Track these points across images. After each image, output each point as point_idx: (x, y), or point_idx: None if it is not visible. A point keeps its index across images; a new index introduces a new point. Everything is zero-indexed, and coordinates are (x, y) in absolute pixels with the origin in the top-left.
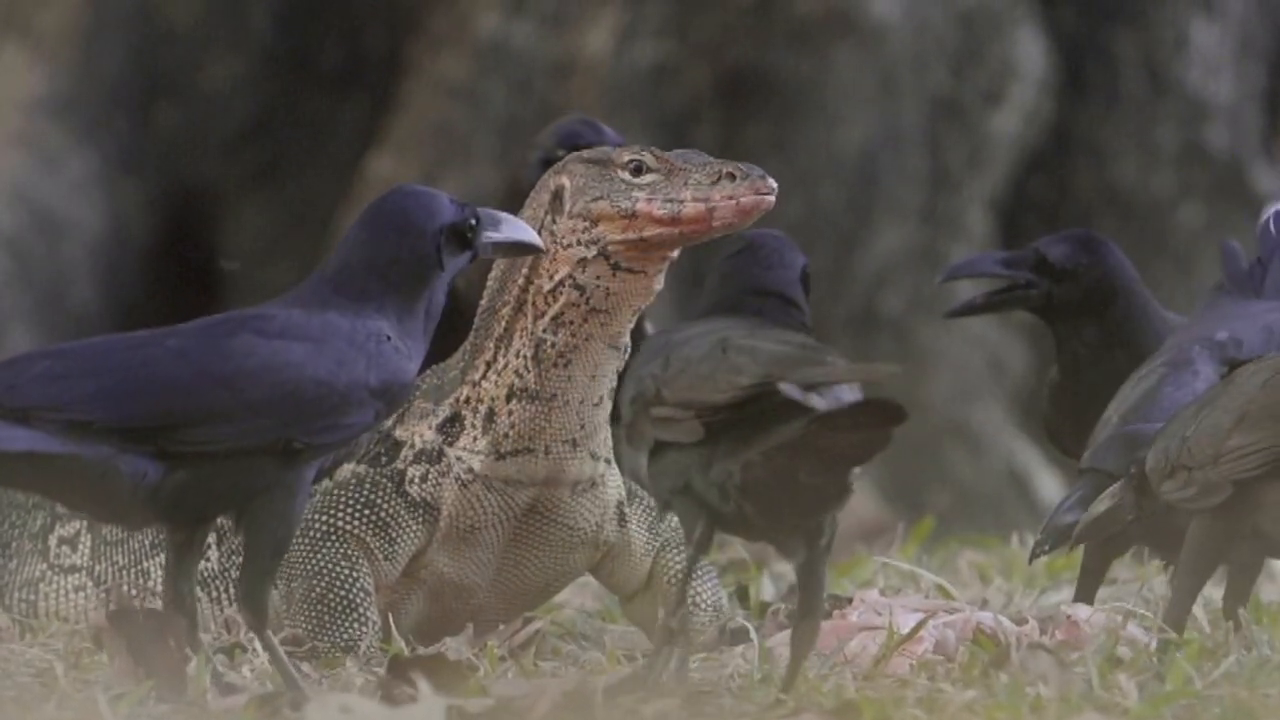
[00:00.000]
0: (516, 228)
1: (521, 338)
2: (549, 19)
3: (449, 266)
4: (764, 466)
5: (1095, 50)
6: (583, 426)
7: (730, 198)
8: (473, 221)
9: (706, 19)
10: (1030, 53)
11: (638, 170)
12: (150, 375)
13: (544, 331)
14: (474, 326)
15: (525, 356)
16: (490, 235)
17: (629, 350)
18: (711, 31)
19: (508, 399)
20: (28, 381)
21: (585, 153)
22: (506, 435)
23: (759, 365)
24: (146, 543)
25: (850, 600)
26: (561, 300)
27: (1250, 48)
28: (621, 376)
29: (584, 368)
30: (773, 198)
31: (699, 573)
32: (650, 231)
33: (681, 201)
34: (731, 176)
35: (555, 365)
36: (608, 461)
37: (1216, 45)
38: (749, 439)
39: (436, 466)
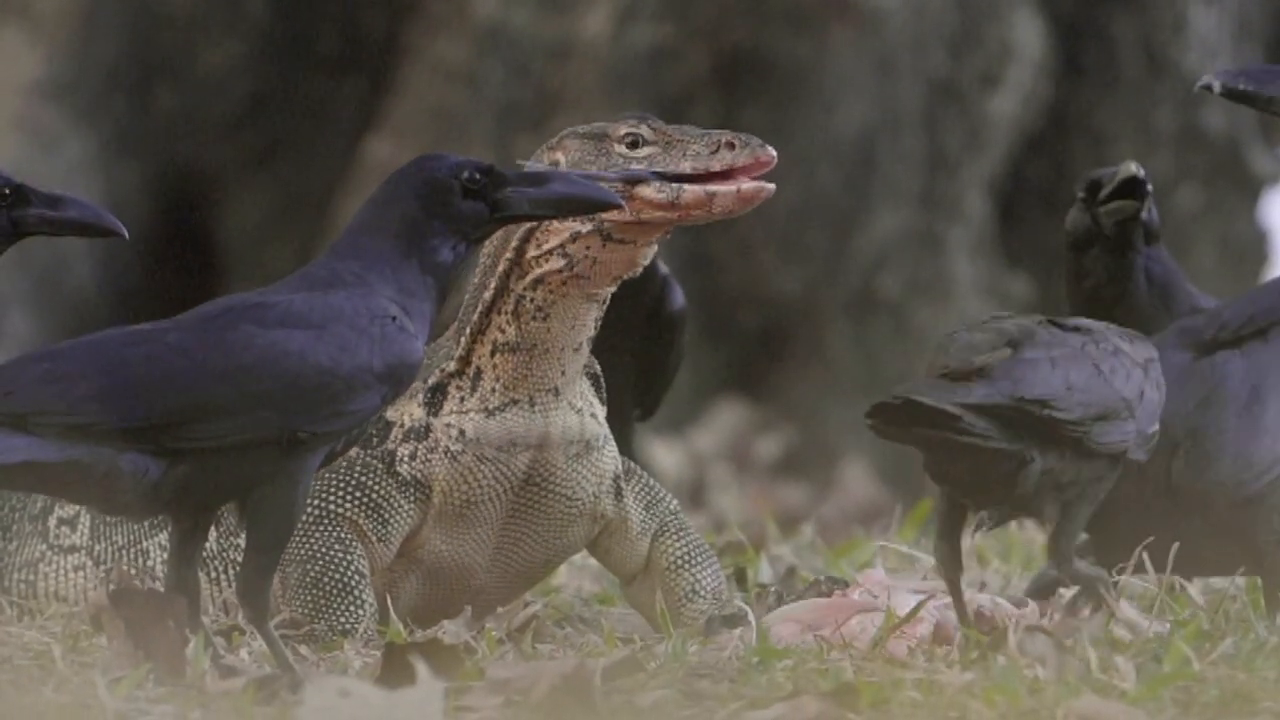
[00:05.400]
0: (575, 184)
1: (503, 299)
2: (547, 2)
3: (437, 214)
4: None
5: (1093, 33)
6: (563, 373)
7: (730, 167)
8: (476, 175)
9: (705, 2)
10: (1028, 35)
11: (634, 144)
12: (150, 373)
13: (523, 290)
14: (464, 303)
15: (506, 314)
16: (524, 191)
17: (607, 301)
18: (710, 14)
19: (492, 354)
20: (25, 385)
21: (580, 127)
22: (493, 390)
23: None
24: (146, 523)
25: (848, 584)
26: (545, 266)
27: (1248, 30)
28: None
29: (562, 320)
30: (772, 185)
31: (700, 557)
32: (648, 215)
33: (680, 186)
34: (731, 145)
35: (534, 319)
36: (595, 418)
37: (1214, 28)
38: None
39: (424, 443)
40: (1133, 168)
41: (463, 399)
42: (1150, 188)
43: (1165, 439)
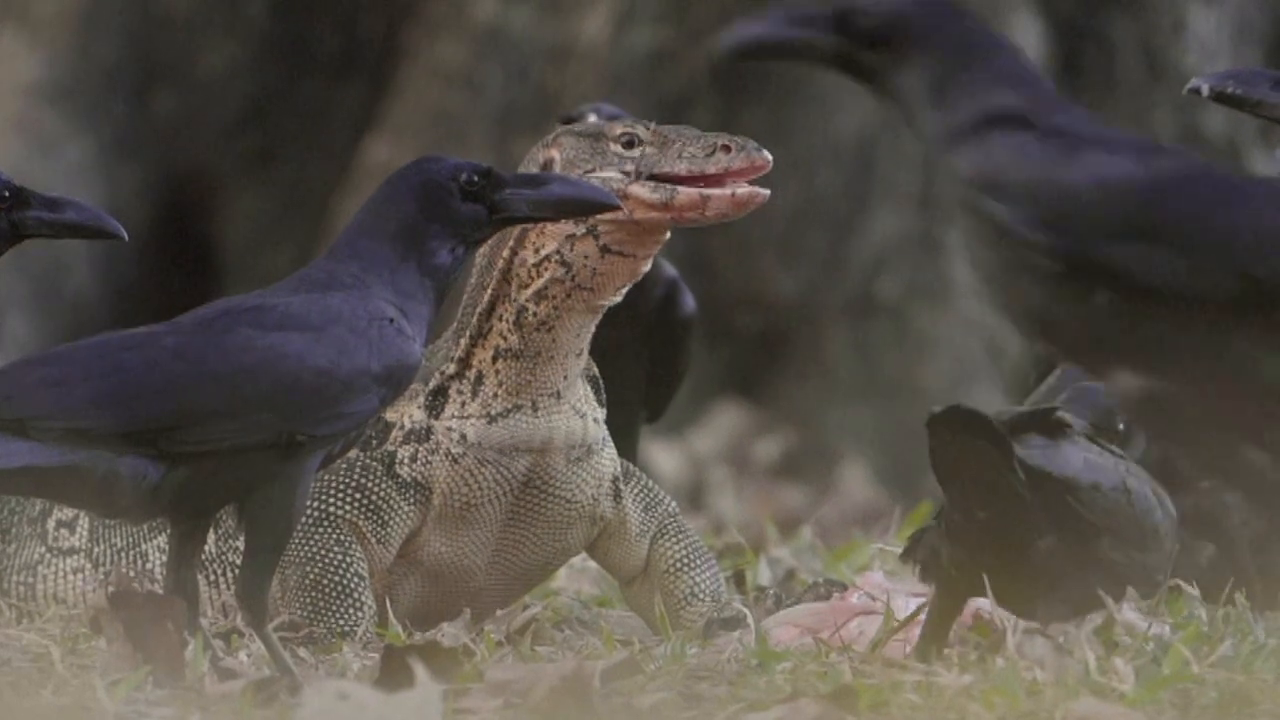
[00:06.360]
0: (574, 185)
1: (504, 305)
2: (547, 4)
3: (435, 217)
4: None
5: (1092, 35)
6: (565, 376)
7: (726, 170)
8: (474, 178)
9: (704, 4)
10: (1027, 37)
11: (630, 144)
12: (148, 377)
13: (526, 301)
14: (462, 304)
15: (508, 321)
16: (522, 193)
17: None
18: (709, 17)
19: (494, 360)
20: (25, 390)
21: (577, 125)
22: (495, 395)
23: None
24: (144, 526)
25: (847, 587)
26: (546, 276)
27: (1247, 32)
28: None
29: (567, 330)
30: (767, 191)
31: (699, 560)
32: (642, 215)
33: (674, 187)
34: (727, 149)
35: (537, 330)
36: (596, 421)
37: (1213, 30)
38: None
39: (425, 445)
40: None
41: (463, 403)
42: None
43: None
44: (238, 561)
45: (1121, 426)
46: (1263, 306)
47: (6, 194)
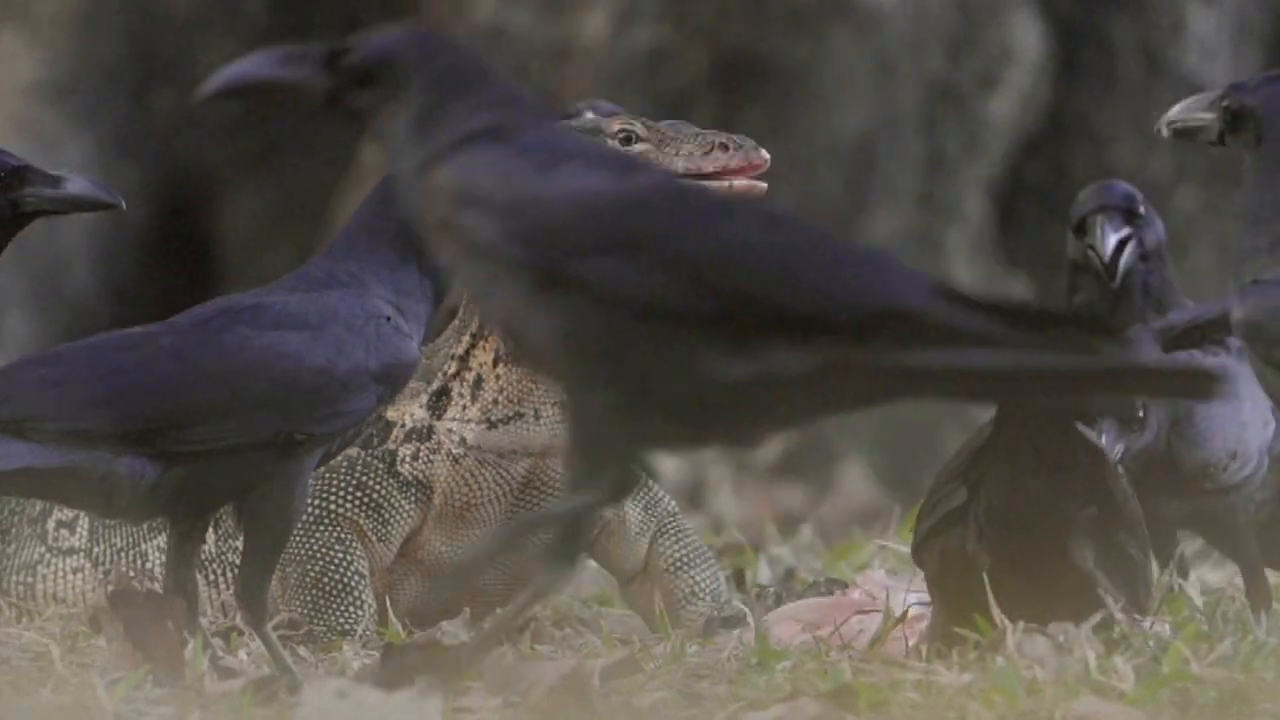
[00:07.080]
0: None
1: None
2: (546, 4)
3: None
4: None
5: (1092, 34)
6: None
7: (723, 168)
8: None
9: (703, 3)
10: (1027, 37)
11: (628, 140)
12: (146, 377)
13: None
14: (462, 303)
15: None
16: None
17: None
18: (708, 16)
19: (494, 364)
20: (22, 391)
21: (573, 122)
22: (496, 401)
23: None
24: (144, 526)
25: (848, 585)
26: None
27: (1247, 31)
28: None
29: None
30: (764, 185)
31: (698, 559)
32: None
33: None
34: (724, 147)
35: None
36: None
37: (1213, 30)
38: None
39: (427, 444)
40: (1093, 256)
41: (464, 407)
42: (1142, 210)
43: (1167, 411)
44: (237, 561)
45: (1140, 413)
46: (732, 324)
47: (2, 174)
